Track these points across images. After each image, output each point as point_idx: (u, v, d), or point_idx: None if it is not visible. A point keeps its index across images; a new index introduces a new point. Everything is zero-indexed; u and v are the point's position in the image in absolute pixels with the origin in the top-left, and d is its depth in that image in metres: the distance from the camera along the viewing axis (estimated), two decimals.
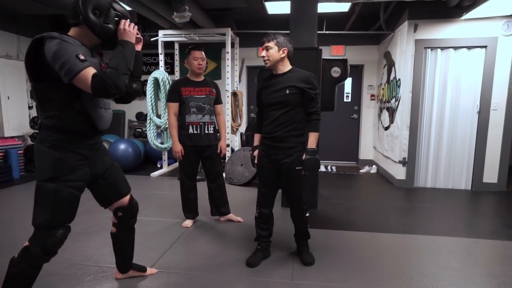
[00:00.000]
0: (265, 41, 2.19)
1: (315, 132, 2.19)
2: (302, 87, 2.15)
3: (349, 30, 5.51)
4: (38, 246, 1.56)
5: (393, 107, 4.97)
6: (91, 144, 1.68)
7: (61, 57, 1.41)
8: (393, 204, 3.95)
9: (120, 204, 1.87)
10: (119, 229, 1.95)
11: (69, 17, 1.58)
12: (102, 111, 1.67)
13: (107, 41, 1.62)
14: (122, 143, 5.40)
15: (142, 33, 5.62)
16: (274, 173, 2.28)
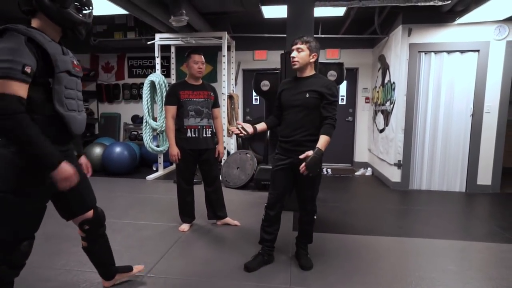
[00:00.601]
0: (298, 42, 2.18)
1: (327, 135, 2.12)
2: (322, 91, 2.16)
3: (344, 34, 5.56)
4: (2, 263, 1.43)
5: (388, 110, 5.01)
6: (63, 151, 1.53)
7: (9, 55, 1.27)
8: (389, 206, 3.98)
9: (86, 217, 1.72)
10: (90, 241, 1.79)
11: (20, 4, 1.42)
12: (76, 114, 1.53)
13: (68, 28, 1.48)
14: (117, 146, 5.37)
15: (138, 36, 5.65)
16: (287, 176, 2.28)
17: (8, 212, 1.39)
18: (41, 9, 1.39)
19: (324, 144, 2.11)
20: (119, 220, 3.28)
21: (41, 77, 1.38)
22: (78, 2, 1.47)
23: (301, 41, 2.18)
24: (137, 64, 6.77)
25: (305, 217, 2.39)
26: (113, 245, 2.62)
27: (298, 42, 2.19)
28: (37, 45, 1.35)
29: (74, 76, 1.54)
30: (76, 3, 1.45)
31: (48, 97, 1.41)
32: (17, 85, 1.28)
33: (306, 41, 2.18)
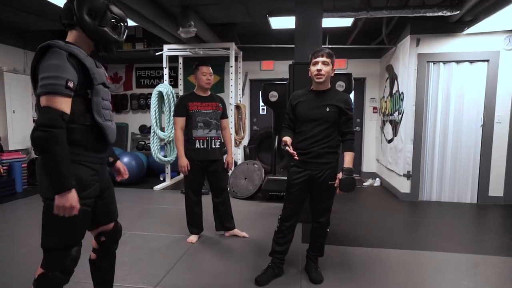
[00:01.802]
0: (324, 55, 2.15)
1: (351, 151, 2.19)
2: (341, 106, 2.17)
3: (351, 44, 5.57)
4: (56, 269, 1.46)
5: (396, 120, 4.97)
6: (101, 158, 1.61)
7: (54, 71, 1.34)
8: (399, 218, 3.92)
9: (105, 229, 1.72)
10: (100, 255, 1.77)
11: (62, 17, 1.50)
12: (110, 124, 1.60)
13: (101, 44, 1.55)
14: (125, 156, 5.39)
15: (147, 47, 5.71)
16: (304, 189, 2.26)
17: (58, 219, 1.42)
18: (80, 24, 1.46)
19: (351, 161, 2.18)
20: (127, 231, 3.26)
21: (81, 89, 1.46)
22: (115, 20, 1.54)
23: (326, 54, 2.16)
24: (145, 75, 6.84)
25: (319, 229, 2.36)
26: (121, 257, 2.63)
27: (324, 55, 2.15)
28: (77, 60, 1.43)
29: (107, 88, 1.62)
30: (112, 20, 1.53)
31: (88, 108, 1.49)
32: (61, 100, 1.35)
33: (330, 55, 2.17)
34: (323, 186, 2.22)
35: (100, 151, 1.60)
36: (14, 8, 4.35)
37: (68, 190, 1.36)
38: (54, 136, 1.32)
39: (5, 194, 4.44)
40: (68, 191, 1.36)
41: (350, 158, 2.17)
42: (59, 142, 1.33)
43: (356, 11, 4.00)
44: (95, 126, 1.51)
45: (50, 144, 1.32)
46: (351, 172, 2.15)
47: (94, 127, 1.51)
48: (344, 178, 2.14)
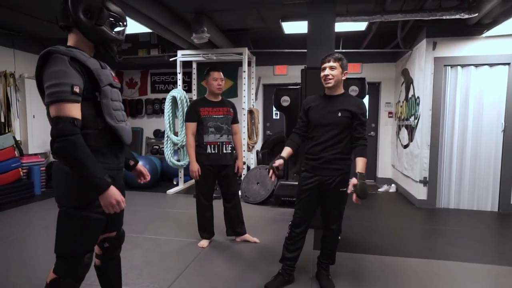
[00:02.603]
0: (331, 59, 2.14)
1: (364, 157, 2.13)
2: (354, 111, 2.12)
3: (366, 48, 5.50)
4: (68, 275, 1.46)
5: (412, 125, 4.87)
6: (117, 164, 1.58)
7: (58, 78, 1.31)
8: (415, 226, 3.81)
9: (109, 236, 1.69)
10: (104, 260, 1.75)
11: (58, 19, 1.45)
12: (124, 125, 1.56)
13: (101, 44, 1.50)
14: (139, 160, 5.43)
15: (161, 53, 5.80)
16: (314, 195, 2.22)
17: (74, 227, 1.43)
18: (76, 25, 1.42)
19: (364, 167, 2.11)
20: (140, 234, 3.30)
21: (88, 93, 1.42)
22: (113, 19, 1.50)
23: (334, 58, 2.14)
24: (159, 80, 6.94)
25: (330, 237, 2.31)
26: (132, 260, 2.66)
27: (331, 60, 2.14)
28: (80, 63, 1.39)
29: (115, 88, 1.58)
30: (111, 18, 1.48)
31: (98, 112, 1.45)
32: (69, 107, 1.33)
33: (338, 59, 2.15)
34: (333, 193, 2.18)
35: (116, 155, 1.57)
36: (35, 18, 4.51)
37: (107, 188, 1.37)
38: (72, 143, 1.31)
39: (24, 196, 4.56)
40: (107, 189, 1.37)
41: (362, 163, 2.11)
42: (79, 147, 1.32)
43: (370, 15, 3.94)
44: (108, 129, 1.48)
45: (72, 152, 1.31)
46: (364, 177, 2.09)
47: (107, 130, 1.48)
48: (360, 183, 2.02)
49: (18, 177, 4.58)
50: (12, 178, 4.44)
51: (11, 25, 4.99)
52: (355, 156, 2.14)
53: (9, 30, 5.13)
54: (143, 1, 3.65)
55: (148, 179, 1.87)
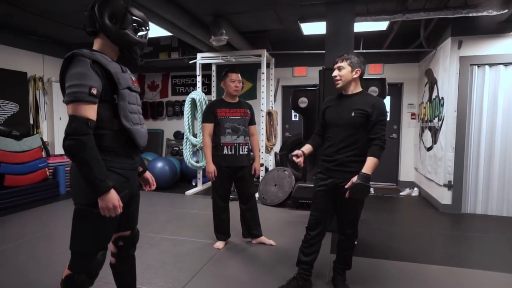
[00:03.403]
0: (338, 60, 2.13)
1: (374, 157, 2.01)
2: (368, 110, 2.04)
3: (387, 48, 5.36)
4: (81, 272, 1.50)
5: (436, 126, 4.70)
6: (132, 164, 1.62)
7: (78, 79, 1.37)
8: (438, 231, 3.67)
9: (123, 234, 1.73)
10: (119, 259, 1.79)
11: (86, 26, 1.54)
12: (139, 127, 1.61)
13: (125, 48, 1.57)
14: (159, 161, 5.57)
15: (181, 56, 5.90)
16: (329, 197, 2.17)
17: (87, 224, 1.48)
18: (102, 29, 1.50)
19: (371, 167, 2.01)
20: (157, 234, 3.35)
21: (107, 95, 1.48)
22: (136, 23, 1.57)
23: (341, 58, 2.12)
24: (180, 82, 7.06)
25: (345, 241, 2.26)
26: (149, 260, 2.70)
27: (339, 60, 2.13)
28: (101, 66, 1.46)
29: (134, 92, 1.63)
30: (134, 24, 1.55)
31: (115, 113, 1.50)
32: (85, 107, 1.38)
33: (346, 58, 2.11)
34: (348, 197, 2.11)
35: (131, 157, 1.61)
36: (63, 24, 4.69)
37: (107, 191, 1.40)
38: (82, 143, 1.36)
39: (50, 195, 4.74)
40: (107, 192, 1.40)
41: (370, 163, 2.01)
42: (87, 148, 1.37)
43: (391, 14, 3.84)
44: (124, 131, 1.52)
45: (80, 151, 1.36)
46: (367, 179, 1.99)
47: (123, 132, 1.53)
48: (357, 183, 1.96)
49: (45, 176, 4.76)
50: (39, 177, 4.63)
51: (41, 32, 5.21)
52: (367, 155, 2.03)
53: (38, 36, 5.37)
54: (163, 6, 3.73)
55: (154, 188, 1.88)
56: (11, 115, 4.98)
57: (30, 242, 3.14)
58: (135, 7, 1.57)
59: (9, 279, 2.40)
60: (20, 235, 3.31)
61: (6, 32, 4.94)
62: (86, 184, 1.40)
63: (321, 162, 2.23)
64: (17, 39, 5.11)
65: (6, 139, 4.28)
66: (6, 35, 4.95)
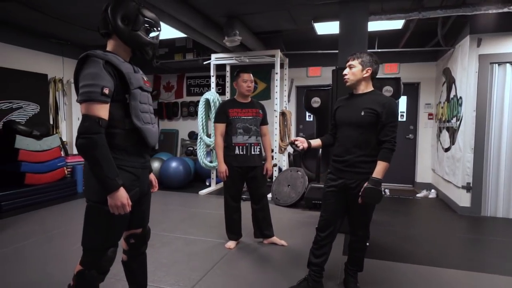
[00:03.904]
0: (350, 59, 2.12)
1: (384, 161, 1.98)
2: (379, 110, 1.99)
3: (403, 47, 5.26)
4: (92, 267, 1.54)
5: (454, 127, 4.57)
6: (142, 163, 1.65)
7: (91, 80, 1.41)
8: (456, 234, 3.56)
9: (135, 232, 1.76)
10: (130, 256, 1.82)
11: (100, 27, 1.58)
12: (150, 127, 1.63)
13: (136, 49, 1.60)
14: (174, 161, 5.63)
15: (196, 57, 5.95)
16: (339, 198, 2.14)
17: (100, 221, 1.51)
18: (115, 31, 1.54)
19: (381, 172, 1.98)
20: (170, 233, 3.39)
21: (119, 94, 1.51)
22: (148, 24, 1.60)
23: (353, 57, 2.10)
24: (195, 83, 7.13)
25: (357, 243, 2.22)
26: (160, 259, 2.73)
27: (350, 59, 2.11)
28: (113, 67, 1.49)
29: (145, 92, 1.66)
30: (146, 25, 1.58)
31: (126, 113, 1.53)
32: (97, 107, 1.42)
33: (357, 57, 2.08)
34: (358, 198, 2.08)
35: (142, 155, 1.64)
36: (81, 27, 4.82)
37: (116, 189, 1.43)
38: (93, 142, 1.39)
39: (68, 194, 4.87)
40: (116, 190, 1.43)
41: (381, 168, 1.98)
42: (99, 146, 1.40)
43: (407, 12, 3.77)
44: (135, 130, 1.55)
45: (91, 150, 1.40)
46: (378, 183, 1.96)
47: (134, 131, 1.55)
48: (367, 187, 1.95)
49: (63, 175, 4.90)
50: (57, 176, 4.77)
51: (61, 35, 5.37)
52: (377, 159, 2.00)
53: (59, 40, 5.53)
54: (177, 7, 3.78)
55: (156, 190, 1.89)
56: (32, 115, 5.15)
57: (47, 239, 3.24)
58: (147, 8, 1.60)
59: (27, 274, 2.48)
60: (38, 232, 3.41)
61: (29, 36, 5.11)
62: (97, 181, 1.44)
63: (331, 163, 2.21)
64: (38, 42, 5.28)
65: (27, 138, 4.42)
66: (29, 38, 5.12)
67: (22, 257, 2.80)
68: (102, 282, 1.61)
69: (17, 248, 3.00)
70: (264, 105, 3.22)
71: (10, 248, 2.99)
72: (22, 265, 2.65)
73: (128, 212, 1.49)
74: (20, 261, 2.73)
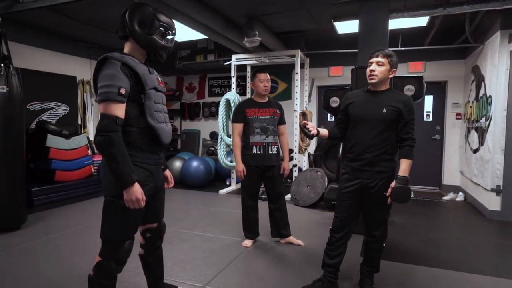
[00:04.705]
0: (379, 55, 2.02)
1: (408, 159, 1.98)
2: (401, 108, 1.98)
3: (429, 45, 5.10)
4: (110, 259, 1.62)
5: (483, 127, 4.38)
6: (156, 160, 1.72)
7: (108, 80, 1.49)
8: (483, 239, 3.41)
9: (150, 226, 1.84)
10: (147, 250, 1.90)
11: (118, 31, 1.66)
12: (164, 125, 1.70)
13: (151, 52, 1.67)
14: (195, 160, 5.74)
15: (217, 58, 6.04)
16: (355, 198, 2.11)
17: (117, 214, 1.58)
18: (131, 34, 1.62)
19: (407, 170, 1.98)
20: (189, 231, 3.46)
21: (135, 95, 1.58)
22: (163, 28, 1.66)
23: (382, 54, 2.02)
24: (216, 84, 7.22)
25: (373, 244, 2.19)
26: (179, 255, 2.80)
27: (380, 55, 2.02)
28: (130, 68, 1.57)
29: (160, 92, 1.74)
30: (161, 28, 1.65)
31: (141, 112, 1.61)
32: (114, 106, 1.49)
33: (388, 55, 2.01)
34: (376, 198, 2.04)
35: (155, 152, 1.71)
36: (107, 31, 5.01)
37: (131, 184, 1.50)
38: (111, 139, 1.47)
39: (94, 190, 5.05)
40: (131, 185, 1.50)
41: (406, 165, 1.97)
42: (115, 143, 1.48)
43: (430, 9, 3.66)
44: (149, 128, 1.63)
45: (108, 147, 1.47)
46: (406, 181, 1.94)
47: (148, 129, 1.63)
48: (397, 187, 1.94)
49: (90, 173, 5.10)
50: (85, 174, 4.97)
51: (89, 39, 5.61)
52: (399, 157, 1.99)
53: (86, 43, 5.77)
54: (198, 9, 3.85)
55: (171, 186, 1.97)
56: (62, 115, 5.40)
57: (74, 233, 3.40)
58: (162, 13, 1.68)
59: (55, 265, 2.62)
60: (66, 226, 3.59)
61: (59, 40, 5.37)
62: (114, 177, 1.50)
63: (347, 163, 2.17)
64: (68, 46, 5.54)
65: (57, 137, 4.65)
66: (59, 43, 5.38)
67: (51, 249, 2.96)
68: (123, 275, 1.68)
69: (47, 240, 3.17)
70: (285, 105, 3.21)
71: (41, 240, 3.16)
72: (51, 256, 2.81)
73: (142, 206, 1.55)
74: (50, 252, 2.89)
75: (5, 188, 3.32)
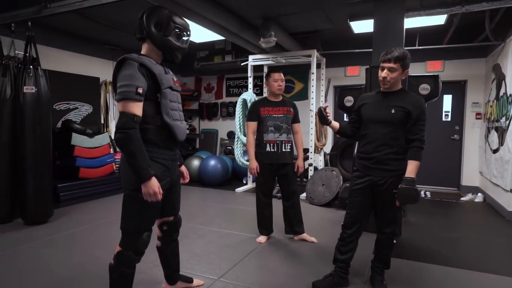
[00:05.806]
0: (391, 60, 2.02)
1: (416, 160, 2.01)
2: (409, 109, 2.02)
3: (448, 43, 5.02)
4: (130, 249, 1.71)
5: (503, 127, 4.28)
6: (172, 155, 1.81)
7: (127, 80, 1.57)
8: (501, 240, 3.35)
9: (167, 220, 1.94)
10: (164, 242, 2.00)
11: (136, 32, 1.75)
12: (179, 123, 1.78)
13: (167, 52, 1.75)
14: (212, 159, 5.86)
15: (235, 58, 6.14)
16: (366, 195, 2.16)
17: (136, 207, 1.67)
18: (148, 36, 1.71)
19: (414, 171, 2.00)
20: (205, 226, 3.57)
21: (151, 94, 1.67)
22: (178, 30, 1.76)
23: (394, 59, 2.02)
24: (233, 84, 7.34)
25: (383, 240, 2.22)
26: (195, 249, 2.91)
27: (392, 61, 2.03)
28: (147, 69, 1.66)
29: (175, 91, 1.83)
30: (176, 30, 1.74)
31: (158, 110, 1.69)
32: (133, 105, 1.58)
33: (400, 59, 2.01)
34: (386, 195, 2.08)
35: (171, 149, 1.81)
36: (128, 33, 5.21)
37: (149, 178, 1.59)
38: (129, 136, 1.57)
39: (116, 187, 5.25)
40: (149, 179, 1.59)
41: (413, 167, 1.99)
42: (133, 140, 1.57)
43: (448, 7, 3.63)
44: (165, 126, 1.73)
45: (127, 143, 1.57)
46: (412, 182, 1.97)
47: (164, 127, 1.73)
48: (402, 188, 1.97)
49: (112, 170, 5.31)
50: (107, 171, 5.18)
51: (111, 41, 5.83)
52: (407, 159, 2.02)
53: (109, 45, 6.00)
54: (215, 11, 3.95)
55: (187, 181, 2.06)
56: (86, 115, 5.64)
57: (97, 226, 3.57)
58: (178, 15, 1.77)
59: (79, 256, 2.78)
60: (89, 220, 3.77)
61: (83, 43, 5.62)
62: (132, 172, 1.61)
63: (358, 160, 2.22)
64: (92, 48, 5.78)
65: (82, 136, 4.87)
66: (83, 45, 5.63)
67: (75, 241, 3.14)
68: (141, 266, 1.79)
69: (71, 233, 3.36)
70: (301, 105, 3.26)
71: (66, 233, 3.35)
72: (76, 247, 2.98)
73: (159, 199, 1.65)
74: (74, 244, 3.06)
75: (34, 184, 3.54)
